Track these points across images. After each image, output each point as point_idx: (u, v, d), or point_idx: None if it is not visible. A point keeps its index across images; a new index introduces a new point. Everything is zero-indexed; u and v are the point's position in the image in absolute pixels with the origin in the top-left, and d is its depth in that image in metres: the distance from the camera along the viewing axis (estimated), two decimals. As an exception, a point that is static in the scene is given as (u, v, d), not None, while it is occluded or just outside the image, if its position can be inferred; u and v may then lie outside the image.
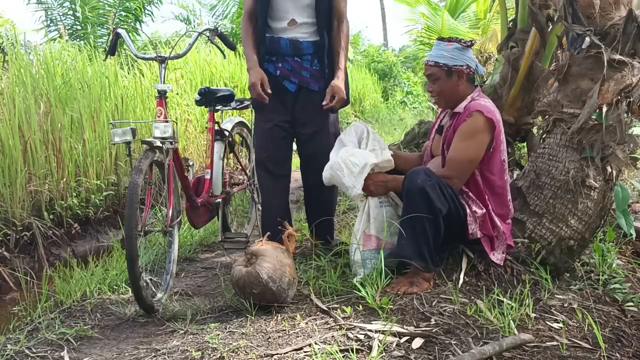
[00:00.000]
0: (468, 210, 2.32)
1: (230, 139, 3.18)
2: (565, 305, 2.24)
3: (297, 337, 1.91)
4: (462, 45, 2.42)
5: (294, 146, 2.95)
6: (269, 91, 2.61)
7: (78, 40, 8.70)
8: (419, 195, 2.22)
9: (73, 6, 8.87)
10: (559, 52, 2.78)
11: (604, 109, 2.42)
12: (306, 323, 2.03)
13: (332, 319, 2.05)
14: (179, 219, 2.55)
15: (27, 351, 2.00)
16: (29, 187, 4.01)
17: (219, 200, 2.98)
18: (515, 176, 3.07)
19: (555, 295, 2.32)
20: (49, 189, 4.18)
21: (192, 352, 1.84)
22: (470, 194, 2.38)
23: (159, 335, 2.09)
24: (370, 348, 1.78)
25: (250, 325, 2.05)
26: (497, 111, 2.39)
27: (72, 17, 9.02)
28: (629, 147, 2.49)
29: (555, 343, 1.90)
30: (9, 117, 4.03)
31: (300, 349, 1.81)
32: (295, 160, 3.24)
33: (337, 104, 2.65)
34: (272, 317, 2.11)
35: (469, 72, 2.41)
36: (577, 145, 2.49)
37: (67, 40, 6.39)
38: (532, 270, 2.46)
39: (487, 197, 2.38)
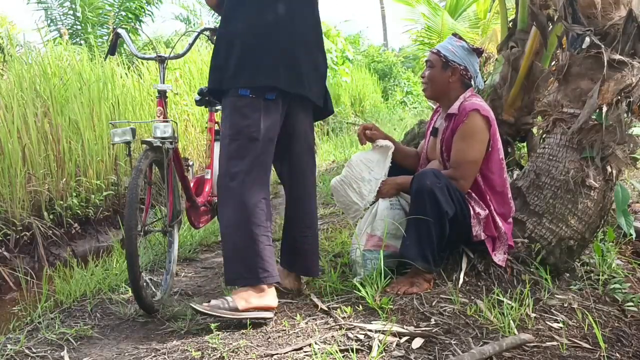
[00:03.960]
0: (472, 212, 2.33)
1: (230, 139, 3.18)
2: (565, 305, 2.24)
3: (297, 337, 1.91)
4: (469, 47, 2.47)
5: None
6: None
7: (78, 40, 8.70)
8: (427, 197, 2.21)
9: (73, 6, 8.87)
10: (559, 52, 2.77)
11: (604, 109, 2.42)
12: (306, 323, 2.03)
13: (332, 319, 2.05)
14: (179, 219, 2.55)
15: (27, 351, 2.00)
16: (28, 187, 4.02)
17: (219, 200, 2.98)
18: (515, 176, 3.07)
19: (555, 295, 2.32)
20: (49, 189, 4.19)
21: (192, 352, 1.84)
22: (472, 194, 2.39)
23: (159, 335, 2.09)
24: (370, 348, 1.78)
25: (250, 325, 2.05)
26: (490, 109, 2.41)
27: (72, 17, 9.01)
28: (629, 147, 2.49)
29: (555, 343, 1.90)
30: (6, 117, 4.03)
31: (300, 349, 1.81)
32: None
33: None
34: (272, 317, 2.11)
35: (464, 74, 2.43)
36: (577, 145, 2.49)
37: (66, 42, 6.37)
38: (532, 270, 2.46)
39: (488, 197, 2.38)
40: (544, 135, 2.74)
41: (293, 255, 2.36)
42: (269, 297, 2.07)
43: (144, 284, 2.24)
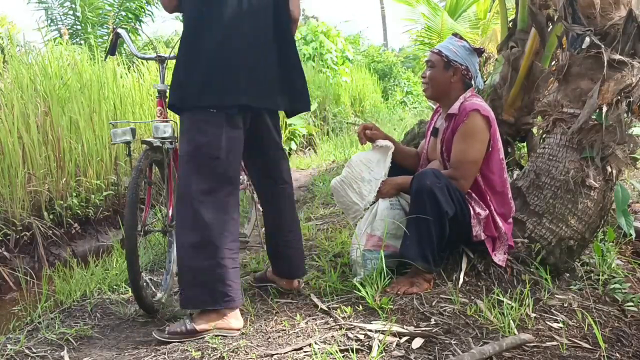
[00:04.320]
0: (472, 212, 2.32)
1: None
2: (565, 305, 2.24)
3: (297, 337, 1.91)
4: (470, 47, 2.47)
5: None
6: None
7: (78, 40, 8.70)
8: (426, 197, 2.21)
9: (73, 6, 8.87)
10: (559, 52, 2.77)
11: (604, 109, 2.42)
12: (306, 323, 2.03)
13: (332, 319, 2.05)
14: (179, 218, 2.54)
15: (27, 351, 2.00)
16: (28, 187, 4.02)
17: (219, 200, 2.97)
18: (515, 176, 3.07)
19: (555, 295, 2.32)
20: (49, 189, 4.19)
21: (192, 352, 1.84)
22: (473, 194, 2.39)
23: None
24: (370, 348, 1.78)
25: (250, 325, 2.05)
26: (490, 109, 2.41)
27: (72, 17, 9.02)
28: (629, 147, 2.49)
29: (555, 343, 1.90)
30: (6, 116, 4.03)
31: (300, 349, 1.81)
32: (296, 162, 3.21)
33: None
34: (272, 317, 2.11)
35: (465, 74, 2.44)
36: (577, 145, 2.49)
37: (66, 42, 6.37)
38: (532, 270, 2.46)
39: (489, 197, 2.38)
40: (544, 135, 2.74)
41: (278, 260, 2.37)
42: (232, 319, 2.02)
43: (144, 284, 2.24)
